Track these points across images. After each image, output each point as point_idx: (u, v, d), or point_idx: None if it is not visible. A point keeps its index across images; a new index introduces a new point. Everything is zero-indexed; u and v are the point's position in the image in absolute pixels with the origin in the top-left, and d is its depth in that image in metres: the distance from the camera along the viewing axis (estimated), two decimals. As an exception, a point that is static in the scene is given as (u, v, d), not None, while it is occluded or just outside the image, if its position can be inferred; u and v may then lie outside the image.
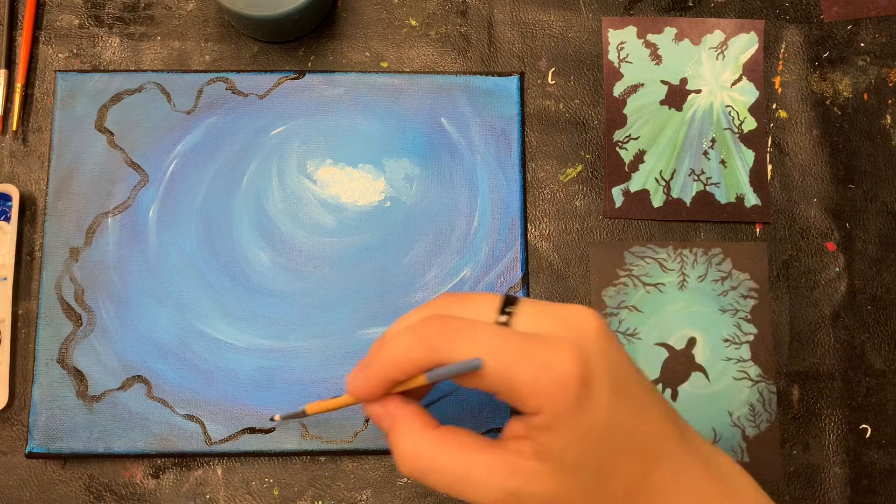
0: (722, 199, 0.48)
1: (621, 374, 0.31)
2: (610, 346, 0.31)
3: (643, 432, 0.31)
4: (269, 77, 0.47)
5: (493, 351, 0.30)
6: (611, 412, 0.30)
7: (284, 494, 0.44)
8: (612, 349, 0.31)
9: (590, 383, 0.29)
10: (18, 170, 0.47)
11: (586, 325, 0.31)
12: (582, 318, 0.31)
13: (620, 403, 0.30)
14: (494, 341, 0.30)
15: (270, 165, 0.47)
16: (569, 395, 0.29)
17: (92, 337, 0.44)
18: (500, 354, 0.30)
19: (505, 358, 0.30)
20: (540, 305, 0.32)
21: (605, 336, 0.31)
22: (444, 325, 0.31)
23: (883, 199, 0.48)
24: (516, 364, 0.29)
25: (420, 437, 0.32)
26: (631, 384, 0.31)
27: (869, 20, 0.50)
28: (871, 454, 0.45)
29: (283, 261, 0.46)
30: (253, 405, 0.44)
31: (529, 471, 0.30)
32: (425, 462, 0.32)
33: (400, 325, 0.34)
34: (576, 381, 0.29)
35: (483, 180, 0.47)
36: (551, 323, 0.31)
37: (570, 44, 0.49)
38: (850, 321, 0.47)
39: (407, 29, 0.49)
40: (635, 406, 0.31)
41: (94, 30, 0.48)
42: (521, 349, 0.30)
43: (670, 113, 0.49)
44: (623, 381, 0.31)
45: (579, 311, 0.31)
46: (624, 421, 0.30)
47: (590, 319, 0.31)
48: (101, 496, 0.43)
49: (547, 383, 0.29)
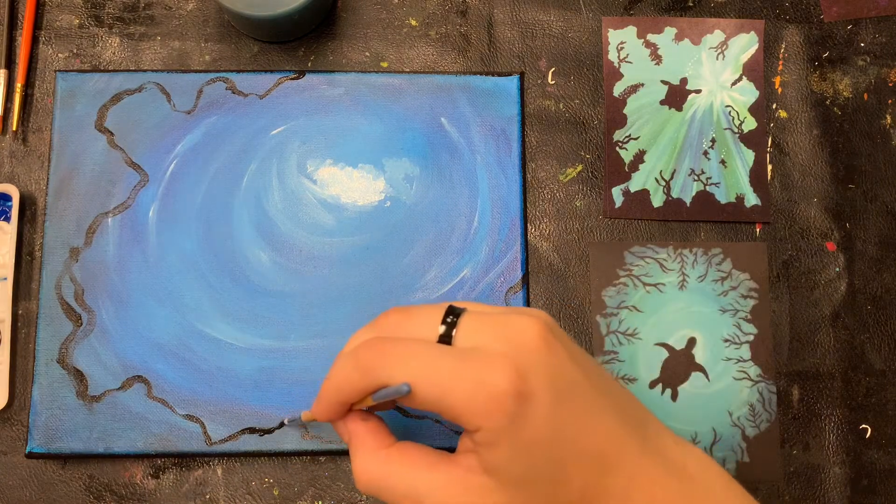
0: (722, 199, 0.48)
1: (563, 385, 0.30)
2: (551, 356, 0.30)
3: (591, 440, 0.30)
4: (269, 77, 0.47)
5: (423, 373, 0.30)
6: (554, 423, 0.29)
7: (284, 494, 0.44)
8: (555, 359, 0.30)
9: (527, 397, 0.29)
10: (18, 170, 0.47)
11: (526, 335, 0.30)
12: (522, 329, 0.30)
13: (564, 414, 0.30)
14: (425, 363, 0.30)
15: (270, 165, 0.47)
16: (504, 411, 0.29)
17: (92, 337, 0.44)
18: (431, 376, 0.30)
19: (437, 379, 0.30)
20: (481, 318, 0.31)
21: (545, 346, 0.30)
22: (378, 349, 0.31)
23: (883, 199, 0.48)
24: (449, 384, 0.29)
25: (372, 455, 0.33)
26: (577, 393, 0.30)
27: (869, 20, 0.50)
28: (871, 454, 0.45)
29: (283, 261, 0.46)
30: (253, 405, 0.44)
31: (479, 486, 0.30)
32: (376, 479, 0.32)
33: (353, 342, 0.34)
34: (510, 397, 0.29)
35: (483, 180, 0.47)
36: (490, 335, 0.30)
37: (570, 44, 0.49)
38: (850, 321, 0.47)
39: (407, 29, 0.49)
40: (583, 415, 0.30)
41: (94, 30, 0.48)
42: (454, 368, 0.29)
43: (670, 113, 0.49)
44: (566, 390, 0.30)
45: (520, 321, 0.31)
46: (569, 431, 0.30)
47: (530, 329, 0.30)
48: (101, 496, 0.43)
49: (481, 401, 0.29)
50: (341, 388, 0.32)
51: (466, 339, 0.31)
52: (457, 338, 0.31)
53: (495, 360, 0.29)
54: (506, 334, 0.30)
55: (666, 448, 0.32)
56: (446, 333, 0.31)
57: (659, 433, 0.33)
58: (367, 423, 0.34)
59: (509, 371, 0.29)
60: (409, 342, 0.31)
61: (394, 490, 0.32)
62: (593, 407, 0.31)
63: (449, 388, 0.29)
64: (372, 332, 0.33)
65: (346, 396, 0.33)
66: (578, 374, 0.31)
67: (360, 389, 0.32)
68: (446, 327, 0.31)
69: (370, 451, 0.33)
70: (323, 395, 0.34)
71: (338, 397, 0.33)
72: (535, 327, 0.31)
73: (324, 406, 0.34)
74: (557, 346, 0.31)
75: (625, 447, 0.31)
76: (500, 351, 0.30)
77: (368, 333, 0.33)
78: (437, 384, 0.30)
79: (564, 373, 0.30)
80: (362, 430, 0.34)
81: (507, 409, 0.29)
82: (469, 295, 0.45)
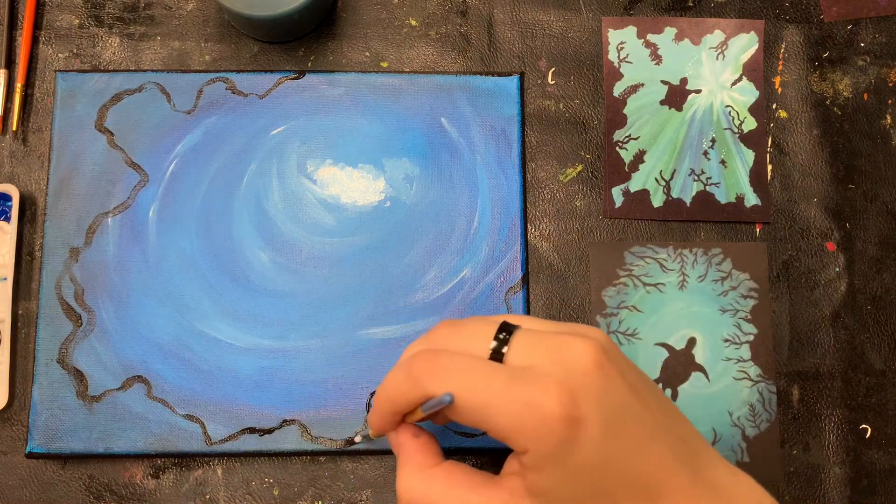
0: (722, 199, 0.48)
1: (616, 411, 0.30)
2: (606, 381, 0.30)
3: (641, 470, 0.30)
4: (269, 77, 0.47)
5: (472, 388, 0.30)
6: (603, 450, 0.29)
7: (284, 494, 0.44)
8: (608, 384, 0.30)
9: (578, 422, 0.29)
10: (18, 170, 0.47)
11: (580, 358, 0.30)
12: (576, 351, 0.30)
13: (614, 441, 0.29)
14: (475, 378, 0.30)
15: (270, 165, 0.47)
16: (554, 435, 0.28)
17: (92, 337, 0.44)
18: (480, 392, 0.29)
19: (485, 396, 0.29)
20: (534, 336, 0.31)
21: (599, 370, 0.30)
22: (429, 361, 0.31)
23: (883, 199, 0.48)
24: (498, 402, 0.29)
25: (416, 472, 0.33)
26: (629, 420, 0.30)
27: (869, 20, 0.50)
28: (871, 454, 0.45)
29: (283, 261, 0.46)
30: (253, 405, 0.44)
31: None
32: (418, 498, 0.32)
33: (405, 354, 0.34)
34: (561, 422, 0.28)
35: (483, 180, 0.47)
36: (543, 356, 0.30)
37: (570, 44, 0.49)
38: (850, 321, 0.47)
39: (407, 29, 0.49)
40: (632, 442, 0.30)
41: (94, 30, 0.48)
42: (504, 387, 0.29)
43: (670, 113, 0.49)
44: (618, 417, 0.30)
45: (574, 343, 0.30)
46: (619, 458, 0.29)
47: (585, 352, 0.30)
48: (101, 496, 0.43)
49: (531, 423, 0.29)
50: (393, 399, 0.33)
51: (518, 358, 0.30)
52: (508, 355, 0.31)
53: (547, 383, 0.29)
54: (559, 356, 0.30)
55: (717, 478, 0.31)
56: (497, 350, 0.31)
57: (711, 462, 0.32)
58: (418, 438, 0.34)
59: (561, 395, 0.29)
60: (460, 356, 0.31)
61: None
62: (645, 435, 0.30)
63: (498, 406, 0.29)
64: (424, 345, 0.33)
65: (398, 407, 0.33)
66: (632, 400, 0.30)
67: (410, 400, 0.32)
68: (498, 343, 0.31)
69: (416, 467, 0.33)
70: (376, 405, 0.34)
71: (390, 408, 0.33)
72: (590, 350, 0.30)
73: (377, 417, 0.34)
74: (612, 371, 0.30)
75: (675, 477, 0.30)
76: (553, 373, 0.29)
77: (421, 345, 0.33)
78: (485, 401, 0.29)
79: (617, 399, 0.30)
80: (411, 446, 0.34)
81: (557, 433, 0.28)
82: (469, 295, 0.45)
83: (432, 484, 0.32)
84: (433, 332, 0.33)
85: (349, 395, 0.44)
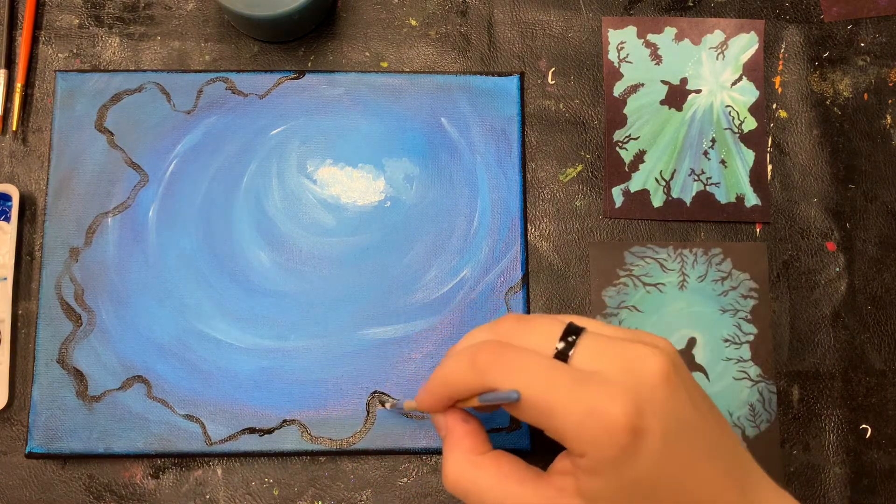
0: (722, 199, 0.48)
1: (678, 426, 0.29)
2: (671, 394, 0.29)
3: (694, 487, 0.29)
4: (269, 77, 0.47)
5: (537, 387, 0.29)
6: (661, 465, 0.29)
7: (284, 494, 0.44)
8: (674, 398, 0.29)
9: (640, 433, 0.28)
10: (18, 170, 0.47)
11: (648, 368, 0.29)
12: (645, 361, 0.30)
13: (673, 457, 0.29)
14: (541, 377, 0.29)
15: (270, 165, 0.47)
16: (615, 443, 0.28)
17: (92, 337, 0.44)
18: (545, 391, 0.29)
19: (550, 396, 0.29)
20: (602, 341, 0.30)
21: (666, 383, 0.29)
22: (496, 353, 0.31)
23: (883, 199, 0.48)
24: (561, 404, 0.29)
25: (464, 458, 0.33)
26: (689, 436, 0.30)
27: (869, 20, 0.50)
28: (871, 454, 0.45)
29: (283, 261, 0.46)
30: (253, 405, 0.44)
31: None
32: (464, 484, 0.32)
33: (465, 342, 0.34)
34: (624, 431, 0.28)
35: (483, 180, 0.47)
36: (610, 362, 0.30)
37: (570, 44, 0.49)
38: (850, 321, 0.47)
39: (407, 29, 0.49)
40: (689, 458, 0.29)
41: (94, 30, 0.48)
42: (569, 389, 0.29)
43: (670, 113, 0.49)
44: (679, 432, 0.29)
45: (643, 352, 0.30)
46: (674, 473, 0.29)
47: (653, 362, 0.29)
48: (101, 496, 0.43)
49: (593, 429, 0.28)
50: (450, 383, 0.32)
51: (584, 362, 0.30)
52: (574, 358, 0.30)
53: (613, 390, 0.28)
54: (627, 364, 0.29)
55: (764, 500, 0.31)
56: (564, 351, 0.30)
57: (760, 483, 0.32)
58: (468, 424, 0.34)
59: (627, 404, 0.28)
60: (528, 353, 0.30)
61: (481, 497, 0.32)
62: (702, 452, 0.30)
63: (560, 408, 0.29)
64: (489, 335, 0.33)
65: (454, 392, 0.33)
66: (694, 416, 0.30)
67: (470, 388, 0.32)
68: (566, 345, 0.30)
69: (464, 453, 0.33)
70: (430, 386, 0.34)
71: (445, 391, 0.33)
72: (659, 362, 0.30)
73: (428, 397, 0.34)
74: (678, 384, 0.30)
75: (724, 495, 0.30)
76: (620, 381, 0.29)
77: (485, 335, 0.33)
78: (550, 402, 0.29)
79: (681, 413, 0.30)
80: (461, 431, 0.34)
81: (619, 441, 0.28)
82: (469, 295, 0.45)
83: (481, 472, 0.32)
84: (499, 324, 0.33)
85: (349, 395, 0.44)
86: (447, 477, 0.33)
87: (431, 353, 0.45)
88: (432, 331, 0.45)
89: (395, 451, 0.44)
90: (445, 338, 0.45)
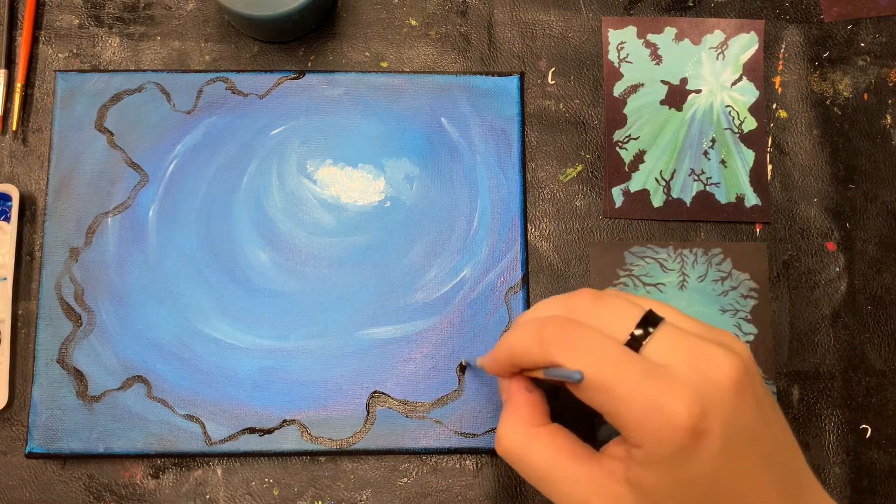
0: (722, 199, 0.48)
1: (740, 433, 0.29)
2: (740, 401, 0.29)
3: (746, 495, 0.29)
4: (269, 77, 0.47)
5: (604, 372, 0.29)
6: (716, 469, 0.28)
7: (284, 494, 0.44)
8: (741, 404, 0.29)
9: (701, 435, 0.28)
10: (18, 170, 0.47)
11: (722, 372, 0.29)
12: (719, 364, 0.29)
13: (729, 462, 0.29)
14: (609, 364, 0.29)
15: (270, 165, 0.47)
16: (675, 441, 0.28)
17: (92, 337, 0.44)
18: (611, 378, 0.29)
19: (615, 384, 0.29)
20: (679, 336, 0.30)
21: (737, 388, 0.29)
22: (564, 331, 0.30)
23: (883, 199, 0.48)
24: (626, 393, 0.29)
25: (521, 427, 0.33)
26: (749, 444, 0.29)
27: (869, 20, 0.50)
28: (871, 454, 0.45)
29: (283, 261, 0.46)
30: (253, 405, 0.44)
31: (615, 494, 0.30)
32: (516, 451, 0.33)
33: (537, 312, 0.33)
34: (685, 431, 0.28)
35: (483, 180, 0.47)
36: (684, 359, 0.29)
37: (570, 44, 0.49)
38: (850, 321, 0.47)
39: (407, 29, 0.49)
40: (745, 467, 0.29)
41: (94, 30, 0.48)
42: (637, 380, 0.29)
43: (670, 113, 0.49)
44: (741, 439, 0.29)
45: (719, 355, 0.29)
46: (727, 480, 0.29)
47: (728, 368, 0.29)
48: (101, 496, 0.43)
49: (655, 424, 0.28)
50: (515, 353, 0.32)
51: (657, 353, 0.30)
52: (647, 347, 0.30)
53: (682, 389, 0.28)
54: (700, 364, 0.29)
55: None
56: (639, 339, 0.30)
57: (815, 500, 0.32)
58: (531, 394, 0.34)
59: (693, 405, 0.28)
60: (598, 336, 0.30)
61: (531, 466, 0.32)
62: (760, 462, 0.30)
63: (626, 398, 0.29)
64: (561, 308, 0.32)
65: (518, 361, 0.33)
66: (758, 425, 0.30)
67: (534, 361, 0.32)
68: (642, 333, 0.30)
69: (521, 422, 0.33)
70: (496, 353, 0.34)
71: (509, 359, 0.33)
72: (733, 367, 0.29)
73: (493, 363, 0.34)
74: (748, 392, 0.29)
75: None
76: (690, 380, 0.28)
77: (556, 308, 0.33)
78: (614, 389, 0.29)
79: (745, 421, 0.29)
80: (521, 399, 0.34)
81: (678, 440, 0.28)
82: (469, 295, 0.45)
83: (534, 442, 0.32)
84: (573, 298, 0.32)
85: (349, 395, 0.44)
86: (500, 441, 0.33)
87: (431, 353, 0.45)
88: (432, 331, 0.45)
89: (395, 451, 0.44)
90: (445, 338, 0.45)
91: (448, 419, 0.44)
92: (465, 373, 0.44)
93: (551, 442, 0.32)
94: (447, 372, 0.44)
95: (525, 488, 0.44)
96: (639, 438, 0.29)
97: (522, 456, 0.32)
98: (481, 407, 0.44)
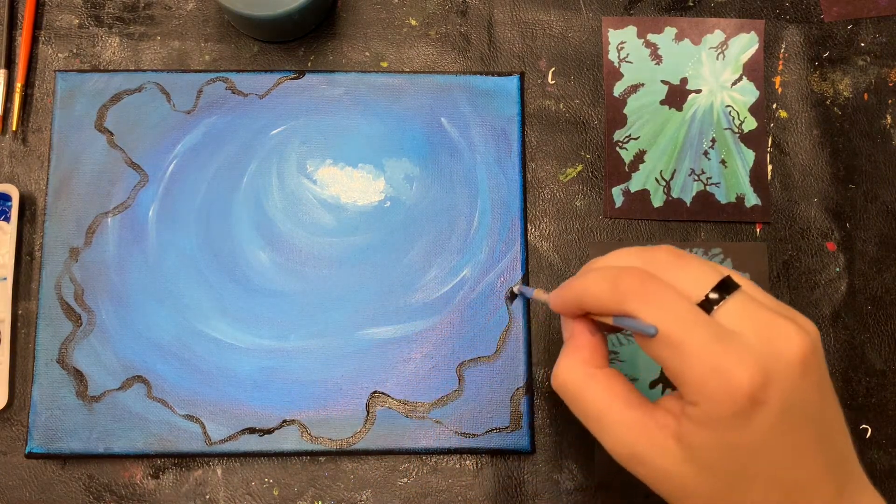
0: (722, 199, 0.48)
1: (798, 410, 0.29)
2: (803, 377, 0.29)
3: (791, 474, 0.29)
4: (269, 77, 0.47)
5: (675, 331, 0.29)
6: (766, 440, 0.29)
7: (284, 494, 0.44)
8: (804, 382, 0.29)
9: (759, 404, 0.28)
10: (18, 170, 0.47)
11: (790, 346, 0.29)
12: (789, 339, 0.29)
13: (782, 437, 0.29)
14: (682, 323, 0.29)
15: (270, 165, 0.47)
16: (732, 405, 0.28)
17: (92, 337, 0.44)
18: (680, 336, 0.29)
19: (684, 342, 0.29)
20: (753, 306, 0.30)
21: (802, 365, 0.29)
22: (642, 284, 0.31)
23: (883, 199, 0.48)
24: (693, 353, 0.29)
25: (580, 366, 0.33)
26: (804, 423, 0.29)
27: (869, 20, 0.50)
28: (871, 454, 0.45)
29: (283, 261, 0.46)
30: (253, 405, 0.44)
31: (662, 446, 0.30)
32: (572, 389, 0.33)
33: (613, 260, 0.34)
34: (744, 398, 0.28)
35: (483, 180, 0.47)
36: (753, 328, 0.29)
37: (570, 44, 0.49)
38: (850, 321, 0.47)
39: (407, 29, 0.49)
40: (797, 443, 0.29)
41: (94, 30, 0.48)
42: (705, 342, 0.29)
43: (670, 113, 0.49)
44: (797, 416, 0.29)
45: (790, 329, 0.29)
46: (777, 453, 0.29)
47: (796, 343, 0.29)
48: (101, 496, 0.43)
49: (715, 386, 0.28)
50: (586, 297, 0.32)
51: (728, 319, 0.30)
52: (719, 312, 0.30)
53: (748, 356, 0.28)
54: (769, 336, 0.29)
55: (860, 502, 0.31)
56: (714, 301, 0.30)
57: (859, 487, 0.32)
58: (594, 336, 0.34)
59: (755, 374, 0.28)
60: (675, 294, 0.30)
61: (584, 405, 0.32)
62: (811, 443, 0.30)
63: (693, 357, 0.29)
64: (639, 261, 0.32)
65: (587, 306, 0.33)
66: (816, 405, 0.30)
67: (606, 308, 0.32)
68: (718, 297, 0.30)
69: (581, 362, 0.33)
70: (565, 293, 0.34)
71: (578, 303, 0.33)
72: (801, 342, 0.29)
73: (560, 301, 0.34)
74: (813, 371, 0.30)
75: (819, 489, 0.30)
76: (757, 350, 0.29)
77: (635, 259, 0.33)
78: (681, 346, 0.29)
79: (805, 398, 0.29)
80: (584, 340, 0.34)
81: (736, 406, 0.28)
82: (469, 295, 0.45)
83: (590, 383, 0.33)
84: (653, 253, 0.33)
85: (349, 395, 0.44)
86: (557, 377, 0.33)
87: (431, 353, 0.45)
88: (432, 331, 0.45)
89: (395, 451, 0.44)
90: (445, 338, 0.45)
91: (448, 419, 0.44)
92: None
93: (608, 385, 0.32)
94: (447, 372, 0.44)
95: (525, 488, 0.44)
96: (696, 397, 0.29)
97: (577, 394, 0.33)
98: (481, 407, 0.44)
